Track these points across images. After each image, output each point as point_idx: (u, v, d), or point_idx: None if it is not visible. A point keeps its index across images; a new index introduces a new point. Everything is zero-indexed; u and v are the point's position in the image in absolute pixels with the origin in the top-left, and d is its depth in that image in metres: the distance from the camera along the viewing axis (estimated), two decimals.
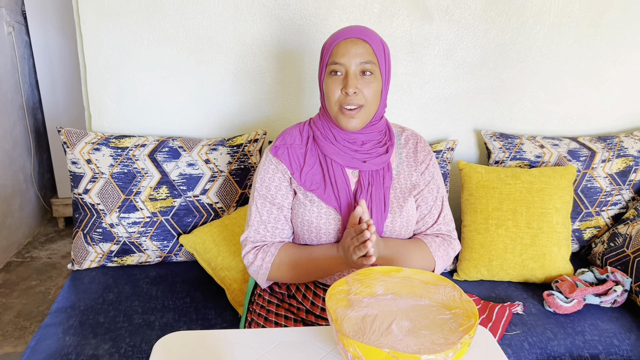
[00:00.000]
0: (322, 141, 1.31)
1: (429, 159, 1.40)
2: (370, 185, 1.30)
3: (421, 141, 1.41)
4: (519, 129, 2.14)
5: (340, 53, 1.23)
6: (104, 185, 1.81)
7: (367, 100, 1.25)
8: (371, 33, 1.27)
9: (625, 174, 2.01)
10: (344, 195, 1.29)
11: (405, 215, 1.33)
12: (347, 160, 1.30)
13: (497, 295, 1.81)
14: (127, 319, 1.63)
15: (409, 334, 0.96)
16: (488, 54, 2.03)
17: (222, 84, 1.97)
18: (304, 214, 1.30)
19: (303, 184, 1.30)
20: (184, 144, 1.87)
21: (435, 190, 1.39)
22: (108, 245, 1.84)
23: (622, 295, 1.72)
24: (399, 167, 1.37)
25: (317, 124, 1.34)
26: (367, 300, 1.06)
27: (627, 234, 1.85)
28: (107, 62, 1.90)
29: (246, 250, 1.33)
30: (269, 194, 1.33)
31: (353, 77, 1.23)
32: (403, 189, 1.35)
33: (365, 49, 1.24)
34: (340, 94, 1.25)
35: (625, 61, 2.10)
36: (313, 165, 1.31)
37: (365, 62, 1.24)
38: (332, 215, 1.29)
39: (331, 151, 1.30)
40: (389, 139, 1.35)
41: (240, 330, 1.20)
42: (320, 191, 1.29)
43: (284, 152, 1.33)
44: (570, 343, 1.59)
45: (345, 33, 1.26)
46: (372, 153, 1.31)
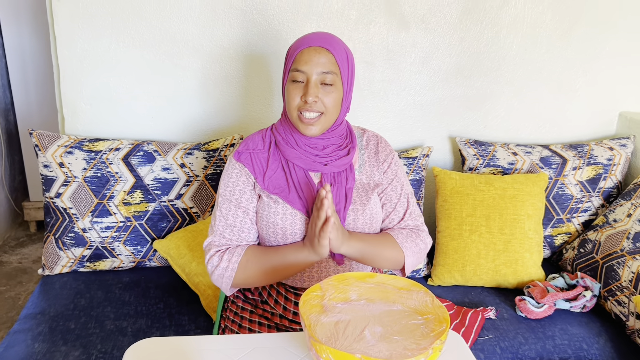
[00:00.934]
0: (283, 146, 1.32)
1: (390, 157, 1.41)
2: (332, 185, 1.31)
3: (382, 141, 1.42)
4: (493, 136, 2.17)
5: (303, 61, 1.24)
6: (77, 189, 1.78)
7: (327, 109, 1.26)
8: (335, 42, 1.27)
9: (595, 182, 2.06)
10: (309, 197, 1.30)
11: (368, 212, 1.34)
12: (309, 164, 1.31)
13: (471, 300, 1.83)
14: (99, 325, 1.61)
15: (382, 340, 0.97)
16: (463, 62, 2.06)
17: (199, 88, 1.96)
18: (269, 217, 1.30)
19: (267, 187, 1.30)
20: (159, 147, 1.85)
21: (399, 187, 1.40)
22: (80, 250, 1.81)
23: (591, 301, 1.76)
24: (361, 167, 1.38)
25: (278, 129, 1.35)
26: (341, 306, 1.07)
27: (596, 240, 1.89)
28: (81, 64, 1.88)
29: (210, 254, 1.31)
30: (234, 197, 1.32)
31: (313, 86, 1.24)
32: (366, 188, 1.36)
33: (327, 58, 1.24)
34: (299, 101, 1.25)
35: (595, 71, 2.15)
36: (276, 170, 1.32)
37: (327, 72, 1.24)
38: (297, 216, 1.29)
39: (292, 155, 1.31)
40: (351, 141, 1.36)
41: (213, 336, 1.19)
42: (284, 194, 1.30)
43: (247, 156, 1.33)
44: (540, 347, 1.62)
45: (309, 40, 1.26)
46: (333, 157, 1.32)
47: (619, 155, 2.09)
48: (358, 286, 1.13)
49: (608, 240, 1.84)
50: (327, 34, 1.29)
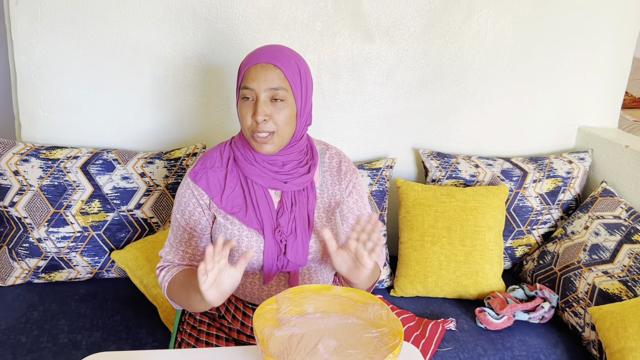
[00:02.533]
0: (242, 162, 1.28)
1: (354, 178, 1.39)
2: (293, 205, 1.28)
3: (345, 160, 1.40)
4: (456, 148, 2.20)
5: (251, 78, 1.20)
6: (32, 198, 1.73)
7: (279, 126, 1.22)
8: (285, 56, 1.22)
9: (554, 194, 2.10)
10: (266, 216, 1.26)
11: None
12: (268, 182, 1.27)
13: (432, 311, 1.84)
14: (52, 338, 1.56)
15: (335, 354, 0.96)
16: (426, 75, 2.09)
17: (162, 96, 1.94)
18: (224, 237, 1.26)
19: (224, 207, 1.27)
20: (119, 156, 1.82)
21: (363, 207, 1.41)
22: (35, 261, 1.76)
23: (550, 312, 1.79)
24: (322, 185, 1.35)
25: (237, 145, 1.31)
26: (296, 319, 1.06)
27: (555, 252, 1.93)
28: (40, 70, 1.83)
29: (158, 265, 1.34)
30: (183, 218, 1.30)
31: (262, 104, 1.20)
32: (327, 208, 1.34)
33: (275, 74, 1.20)
34: (251, 121, 1.21)
35: (555, 86, 2.20)
36: (234, 188, 1.28)
37: (275, 89, 1.20)
38: (254, 237, 1.27)
39: (251, 172, 1.27)
40: (312, 157, 1.33)
41: (168, 350, 1.17)
42: (241, 213, 1.26)
43: (203, 176, 1.28)
44: (499, 358, 1.64)
45: (257, 56, 1.22)
46: (293, 174, 1.28)
47: (577, 168, 2.14)
48: (314, 299, 1.12)
49: (566, 252, 1.88)
50: (276, 48, 1.24)
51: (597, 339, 1.62)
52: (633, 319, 1.47)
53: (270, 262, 1.27)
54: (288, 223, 1.27)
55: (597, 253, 1.79)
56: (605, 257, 1.77)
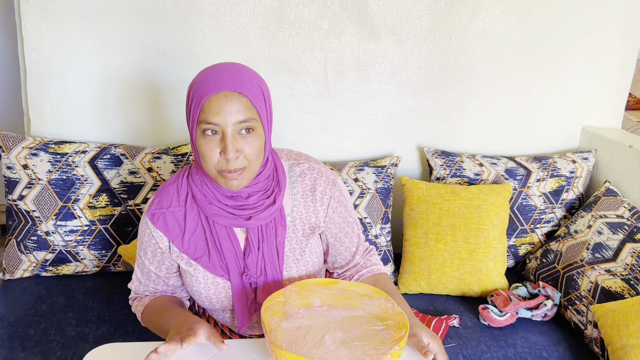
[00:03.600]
0: (201, 202, 1.15)
1: (335, 193, 1.24)
2: (260, 242, 1.17)
3: (321, 175, 1.23)
4: (460, 147, 2.22)
5: (214, 111, 1.03)
6: (41, 192, 1.75)
7: (250, 161, 1.08)
8: (246, 79, 1.07)
9: (558, 193, 2.11)
10: (231, 260, 1.17)
11: (303, 265, 1.24)
12: (231, 220, 1.15)
13: (436, 308, 1.85)
14: (60, 331, 1.58)
15: (342, 345, 0.98)
16: (432, 74, 2.10)
17: (169, 93, 1.95)
18: (191, 284, 1.23)
19: (186, 251, 1.18)
20: (126, 151, 1.84)
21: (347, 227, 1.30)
22: (43, 254, 1.78)
23: (552, 310, 1.80)
24: (293, 212, 1.21)
25: (194, 180, 1.16)
26: (303, 312, 1.07)
27: (558, 250, 1.94)
28: (49, 66, 1.85)
29: (129, 296, 1.36)
30: (146, 258, 1.24)
31: (232, 139, 1.04)
32: (299, 237, 1.22)
33: (242, 103, 1.04)
34: (219, 158, 1.06)
35: (559, 86, 2.21)
36: (195, 229, 1.17)
37: (245, 121, 1.05)
38: (220, 284, 1.20)
39: (212, 212, 1.14)
40: (277, 184, 1.17)
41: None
42: (204, 259, 1.17)
43: (160, 217, 1.17)
44: (502, 355, 1.65)
45: (215, 84, 1.04)
46: (258, 207, 1.14)
47: (581, 168, 2.15)
48: (321, 292, 1.13)
49: (569, 251, 1.89)
50: (235, 70, 1.08)
51: (599, 337, 1.63)
52: (635, 316, 1.49)
53: (242, 308, 1.22)
54: (257, 263, 1.18)
55: (600, 252, 1.80)
56: (608, 256, 1.78)
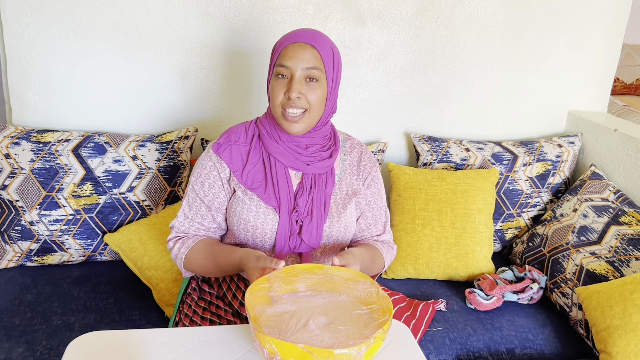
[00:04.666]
0: (267, 139, 1.30)
1: (374, 170, 1.42)
2: (312, 188, 1.31)
3: (367, 152, 1.43)
4: (447, 132, 2.21)
5: (288, 56, 1.22)
6: (24, 181, 1.73)
7: (311, 105, 1.24)
8: (321, 38, 1.26)
9: (544, 178, 2.12)
10: (284, 195, 1.29)
11: (343, 221, 1.35)
12: (291, 161, 1.29)
13: (423, 293, 1.86)
14: (45, 320, 1.57)
15: (325, 330, 0.98)
16: (418, 59, 2.09)
17: (153, 80, 1.93)
18: (241, 212, 1.30)
19: (244, 182, 1.29)
20: (110, 139, 1.82)
21: (380, 201, 1.43)
22: (27, 244, 1.76)
23: (538, 293, 1.81)
24: (342, 173, 1.38)
25: (263, 123, 1.33)
26: (287, 297, 1.07)
27: (544, 234, 1.95)
28: (30, 53, 1.82)
29: (170, 237, 1.36)
30: (202, 190, 1.33)
31: (297, 82, 1.22)
32: (343, 196, 1.36)
33: (312, 54, 1.22)
34: (283, 97, 1.24)
35: (545, 70, 2.21)
36: (256, 164, 1.31)
37: (312, 68, 1.22)
38: (270, 215, 1.29)
39: (275, 150, 1.29)
40: (334, 144, 1.35)
41: (159, 329, 1.18)
42: (260, 190, 1.29)
43: (227, 149, 1.31)
44: (488, 338, 1.66)
45: (295, 36, 1.24)
46: (315, 157, 1.31)
47: (567, 152, 2.16)
48: (306, 277, 1.13)
49: (555, 234, 1.90)
50: (313, 31, 1.27)
51: (584, 319, 1.65)
52: (619, 298, 1.50)
53: (282, 241, 1.29)
54: (305, 205, 1.29)
55: (585, 235, 1.82)
56: (593, 239, 1.79)
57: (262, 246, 1.32)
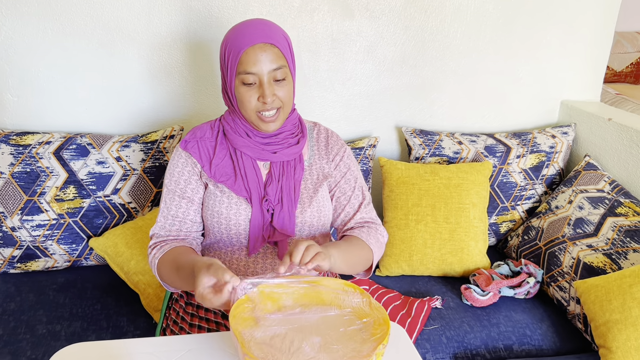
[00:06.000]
0: (231, 135, 1.31)
1: (342, 151, 1.41)
2: (281, 176, 1.31)
3: (333, 135, 1.43)
4: (439, 125, 2.17)
5: (251, 63, 1.20)
6: (4, 186, 1.67)
7: (284, 102, 1.26)
8: (275, 32, 1.24)
9: (538, 169, 2.09)
10: (254, 186, 1.29)
11: (315, 205, 1.33)
12: (258, 153, 1.30)
13: (418, 290, 1.83)
14: (30, 330, 1.52)
15: (321, 351, 0.93)
16: (408, 51, 2.05)
17: (136, 78, 1.87)
18: (214, 205, 1.29)
19: (213, 175, 1.29)
20: (93, 140, 1.76)
21: (352, 180, 1.40)
22: (9, 251, 1.70)
23: (535, 287, 1.78)
24: (311, 159, 1.38)
25: (227, 119, 1.33)
26: (274, 317, 1.01)
27: (539, 227, 1.92)
28: (6, 52, 1.76)
29: (150, 244, 1.30)
30: (178, 187, 1.30)
31: (268, 85, 1.22)
32: (314, 180, 1.36)
33: (274, 54, 1.21)
34: (257, 103, 1.23)
35: (537, 60, 2.17)
36: (223, 158, 1.31)
37: (278, 68, 1.22)
38: (242, 205, 1.28)
39: (241, 144, 1.30)
40: (301, 131, 1.36)
41: (147, 338, 1.13)
42: (230, 182, 1.29)
43: (194, 145, 1.31)
44: (485, 335, 1.63)
45: (250, 36, 1.20)
46: (283, 144, 1.32)
47: (560, 143, 2.13)
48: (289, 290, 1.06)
49: (550, 227, 1.87)
50: (264, 24, 1.24)
51: (582, 313, 1.62)
52: (617, 291, 1.47)
53: (256, 231, 1.28)
54: (275, 193, 1.29)
55: (582, 227, 1.79)
56: (589, 231, 1.76)
57: (237, 239, 1.30)
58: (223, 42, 1.26)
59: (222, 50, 1.26)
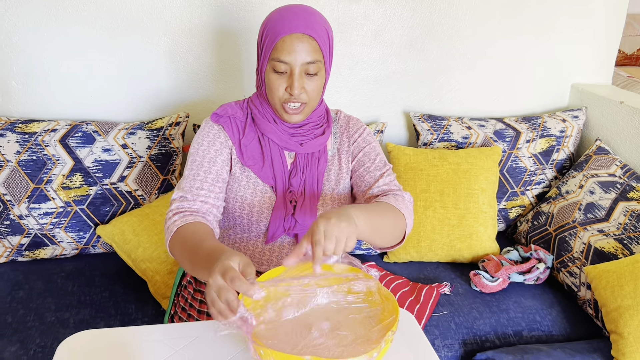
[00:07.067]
0: (260, 120, 1.27)
1: (362, 129, 1.36)
2: (305, 167, 1.28)
3: (352, 118, 1.39)
4: (448, 110, 2.15)
5: (286, 51, 1.15)
6: (11, 174, 1.67)
7: (310, 97, 1.21)
8: (317, 23, 1.18)
9: (548, 154, 2.06)
10: (279, 174, 1.26)
11: (337, 198, 1.32)
12: (284, 142, 1.27)
13: (426, 276, 1.82)
14: (38, 317, 1.52)
15: (330, 337, 0.92)
16: (416, 34, 2.02)
17: (140, 65, 1.86)
18: (238, 190, 1.26)
19: (242, 156, 1.26)
20: (99, 128, 1.75)
21: (373, 154, 1.32)
22: (17, 239, 1.71)
23: (545, 272, 1.77)
24: (334, 148, 1.35)
25: (255, 103, 1.29)
26: (282, 303, 1.00)
27: (549, 212, 1.90)
28: (11, 40, 1.75)
29: (171, 208, 1.18)
30: (208, 156, 1.23)
31: (298, 77, 1.17)
32: (337, 171, 1.33)
33: (311, 46, 1.16)
34: (284, 93, 1.19)
35: (546, 43, 2.14)
36: (251, 140, 1.27)
37: (311, 62, 1.17)
38: (267, 193, 1.26)
39: (268, 129, 1.26)
40: (327, 120, 1.32)
41: (153, 326, 1.13)
42: (257, 167, 1.26)
43: (226, 120, 1.27)
44: (495, 321, 1.62)
45: (290, 25, 1.15)
46: (309, 135, 1.28)
47: (571, 127, 2.10)
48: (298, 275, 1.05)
49: (561, 212, 1.85)
50: (307, 13, 1.18)
51: (592, 298, 1.60)
52: (629, 277, 1.45)
53: (277, 221, 1.26)
54: (299, 184, 1.27)
55: (592, 212, 1.76)
56: (600, 216, 1.74)
57: (256, 226, 1.27)
58: (264, 22, 1.22)
59: (261, 30, 1.22)
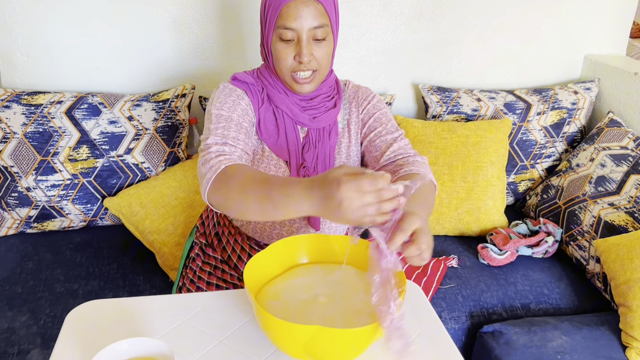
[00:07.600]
0: (271, 91, 1.21)
1: (371, 96, 1.31)
2: (317, 142, 1.24)
3: (361, 87, 1.34)
4: (458, 82, 2.11)
5: (292, 17, 1.10)
6: (17, 146, 1.67)
7: (320, 65, 1.16)
8: None
9: (559, 127, 2.03)
10: (293, 148, 1.22)
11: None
12: (297, 115, 1.21)
13: (434, 249, 1.79)
14: (48, 288, 1.53)
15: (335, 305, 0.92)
16: (426, 4, 1.97)
17: (145, 35, 1.83)
18: (252, 164, 1.23)
19: (259, 129, 1.21)
20: (104, 100, 1.74)
21: (384, 120, 1.28)
22: (26, 211, 1.71)
23: (553, 246, 1.75)
24: (344, 120, 1.29)
25: (264, 75, 1.23)
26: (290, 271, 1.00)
27: (559, 185, 1.87)
28: (14, 11, 1.73)
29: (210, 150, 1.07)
30: (235, 114, 1.14)
31: (306, 43, 1.12)
32: (347, 144, 1.29)
33: (317, 10, 1.11)
34: (292, 62, 1.15)
35: (559, 13, 2.08)
36: (267, 111, 1.22)
37: (319, 27, 1.12)
38: (281, 168, 1.23)
39: (280, 101, 1.21)
40: (337, 91, 1.28)
41: (160, 296, 1.13)
42: (272, 140, 1.22)
43: (245, 85, 1.21)
44: (502, 294, 1.62)
45: None
46: (320, 108, 1.23)
47: (583, 99, 2.06)
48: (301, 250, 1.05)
49: (571, 185, 1.83)
50: None
51: (601, 272, 1.59)
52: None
53: None
54: (312, 159, 1.24)
55: (603, 185, 1.74)
56: (611, 189, 1.72)
57: None
58: None
59: (262, 1, 1.18)
